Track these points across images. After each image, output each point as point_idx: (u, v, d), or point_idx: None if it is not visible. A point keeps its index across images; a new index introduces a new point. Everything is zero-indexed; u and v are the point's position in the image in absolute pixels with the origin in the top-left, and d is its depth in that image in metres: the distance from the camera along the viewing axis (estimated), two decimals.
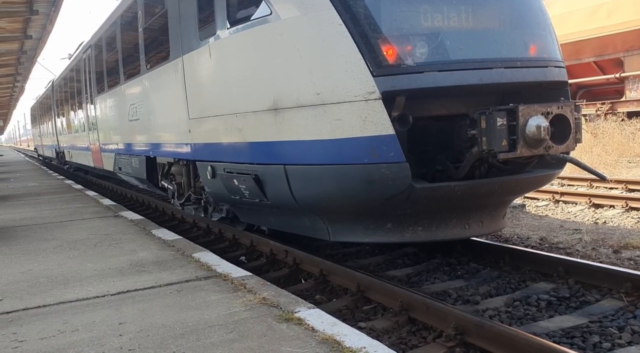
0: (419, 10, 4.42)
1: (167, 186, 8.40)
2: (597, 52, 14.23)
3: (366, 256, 6.45)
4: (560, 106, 4.45)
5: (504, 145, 4.26)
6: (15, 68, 25.07)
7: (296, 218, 5.56)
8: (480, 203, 4.94)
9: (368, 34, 4.29)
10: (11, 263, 5.13)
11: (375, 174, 4.34)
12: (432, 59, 4.36)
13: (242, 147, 5.52)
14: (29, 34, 17.87)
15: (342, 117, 4.35)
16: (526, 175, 4.89)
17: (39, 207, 9.17)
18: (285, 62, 4.75)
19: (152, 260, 5.01)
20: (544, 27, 5.03)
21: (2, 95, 37.37)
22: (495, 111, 4.28)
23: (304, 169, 4.77)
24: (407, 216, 4.80)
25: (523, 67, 4.70)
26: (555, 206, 8.88)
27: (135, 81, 8.75)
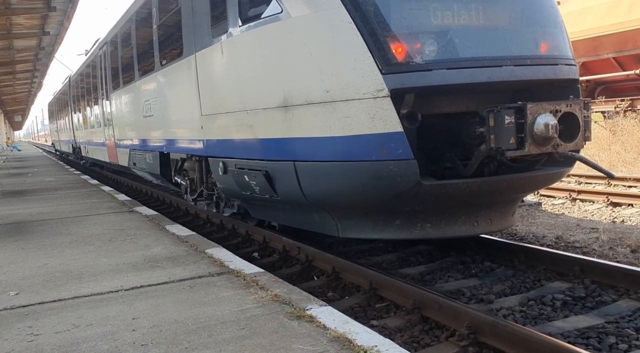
0: (427, 8, 4.43)
1: (180, 181, 8.50)
2: (617, 48, 13.99)
3: (379, 253, 6.42)
4: (569, 104, 4.44)
5: (512, 142, 4.25)
6: (33, 64, 25.41)
7: (306, 214, 5.60)
8: (488, 200, 4.94)
9: (377, 32, 4.32)
10: (28, 258, 5.19)
11: (383, 171, 4.37)
12: (441, 57, 4.37)
13: (252, 144, 5.58)
14: (47, 30, 18.09)
15: (351, 114, 4.39)
16: (535, 173, 4.86)
17: (56, 202, 9.28)
18: (295, 60, 4.80)
19: (165, 255, 5.05)
20: (554, 25, 4.99)
21: (21, 90, 37.90)
22: (503, 109, 4.26)
23: (313, 165, 4.80)
24: (416, 213, 4.80)
25: (533, 65, 4.67)
26: (572, 204, 8.76)
27: (150, 78, 8.87)
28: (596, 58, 14.73)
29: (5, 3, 14.43)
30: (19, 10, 15.23)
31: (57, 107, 28.80)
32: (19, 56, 22.98)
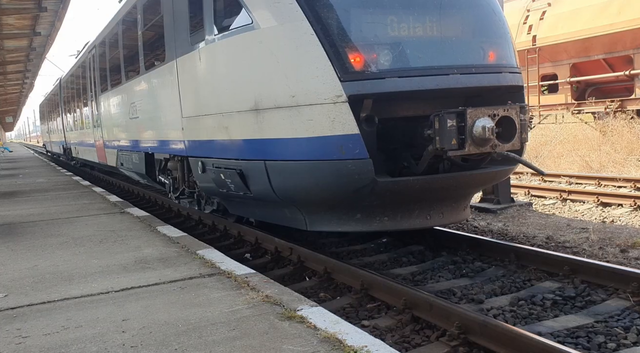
0: (382, 22, 4.87)
1: (164, 181, 8.88)
2: (607, 49, 14.10)
3: (371, 254, 6.44)
4: (506, 109, 4.81)
5: (454, 143, 4.65)
6: (25, 65, 25.23)
7: (277, 209, 5.98)
8: (439, 196, 5.33)
9: (336, 43, 4.72)
10: (17, 259, 5.16)
11: (343, 169, 4.77)
12: (394, 66, 4.80)
13: (228, 144, 5.92)
14: (38, 30, 17.97)
15: (314, 117, 4.78)
16: (480, 171, 5.30)
17: (47, 203, 9.23)
18: (264, 67, 5.19)
19: (156, 256, 5.03)
20: (500, 36, 5.45)
21: (12, 91, 37.62)
22: (446, 113, 4.65)
23: (282, 164, 5.18)
24: (374, 207, 5.21)
25: (478, 73, 5.11)
26: (562, 205, 8.81)
27: (135, 81, 9.18)
28: (586, 59, 14.83)
29: None
30: (9, 10, 15.12)
31: (48, 109, 28.86)
32: (10, 57, 22.81)
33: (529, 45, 15.70)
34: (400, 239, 6.87)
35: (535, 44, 15.54)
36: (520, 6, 16.29)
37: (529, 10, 16.07)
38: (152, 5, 7.96)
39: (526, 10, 16.15)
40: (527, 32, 15.88)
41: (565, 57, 15.18)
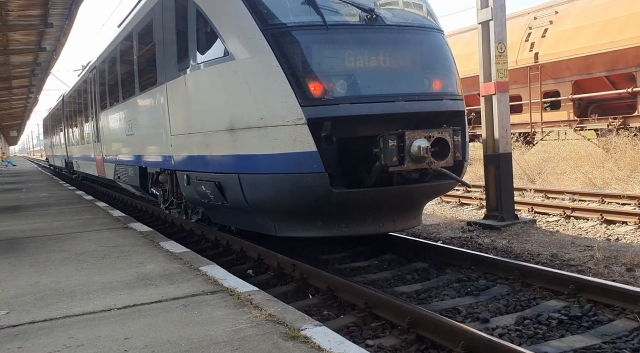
0: (338, 56, 5.64)
1: (156, 192, 9.57)
2: (609, 66, 14.14)
3: (375, 271, 6.40)
4: (440, 131, 5.51)
5: (395, 160, 5.36)
6: (30, 79, 25.43)
7: (250, 217, 6.64)
8: (389, 205, 6.03)
9: (298, 74, 5.48)
10: (19, 275, 5.14)
11: (303, 182, 5.48)
12: (347, 94, 5.54)
13: (208, 159, 6.60)
14: (44, 46, 18.14)
15: (279, 136, 5.52)
16: (423, 184, 5.99)
17: (49, 218, 9.22)
18: (238, 93, 5.91)
19: (159, 273, 5.00)
20: (444, 68, 6.24)
21: (17, 106, 37.86)
22: (388, 135, 5.38)
23: (252, 177, 5.88)
24: (333, 215, 5.93)
25: (420, 100, 5.87)
26: (566, 222, 8.77)
27: (131, 100, 9.90)
28: (589, 76, 14.88)
29: (2, 19, 14.48)
30: (16, 26, 15.28)
31: (52, 124, 29.42)
32: (15, 72, 22.99)
33: (531, 63, 15.76)
34: (404, 256, 6.84)
35: (537, 61, 15.60)
36: (521, 24, 16.39)
37: (531, 28, 16.17)
38: (146, 33, 8.67)
39: (528, 27, 16.25)
40: (529, 50, 15.96)
41: (568, 74, 15.22)
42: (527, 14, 16.84)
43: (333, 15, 5.82)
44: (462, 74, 19.04)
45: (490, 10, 8.21)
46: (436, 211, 10.84)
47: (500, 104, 8.35)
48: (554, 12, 15.74)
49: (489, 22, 8.31)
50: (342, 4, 5.87)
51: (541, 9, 16.63)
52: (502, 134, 8.36)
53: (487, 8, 8.29)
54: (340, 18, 5.85)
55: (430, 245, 6.78)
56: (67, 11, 14.29)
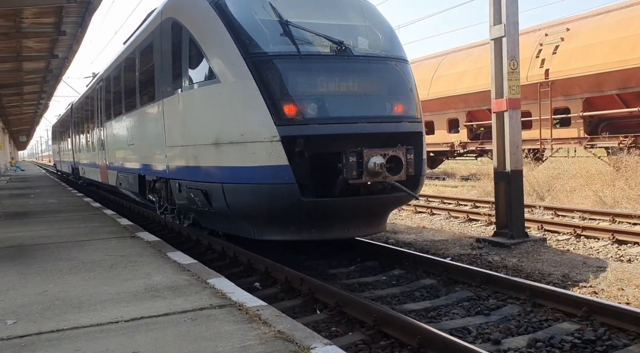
0: (310, 82, 6.47)
1: (152, 198, 10.33)
2: (620, 84, 14.08)
3: (383, 287, 6.34)
4: (395, 150, 6.35)
5: (355, 174, 6.16)
6: (41, 86, 25.65)
7: (232, 222, 7.38)
8: (353, 213, 6.79)
9: (274, 97, 6.27)
10: (27, 284, 5.11)
11: (276, 191, 6.24)
12: (317, 116, 6.35)
13: (196, 169, 7.34)
14: (56, 53, 18.31)
15: (256, 151, 6.28)
16: (382, 196, 6.70)
17: (57, 225, 9.22)
18: (222, 112, 6.70)
19: (166, 284, 4.96)
20: (404, 93, 7.06)
21: (27, 111, 38.15)
22: (349, 152, 6.16)
23: (234, 186, 6.61)
24: (304, 221, 6.65)
25: (380, 122, 6.70)
26: (576, 241, 8.67)
27: (133, 113, 10.72)
28: (600, 94, 14.83)
29: (17, 26, 14.63)
30: (29, 34, 15.44)
31: (60, 130, 30.22)
32: (27, 78, 23.19)
33: (542, 79, 15.73)
34: (413, 272, 6.78)
35: (548, 78, 15.57)
36: (532, 40, 16.38)
37: (542, 44, 16.15)
38: (146, 53, 9.52)
39: (539, 44, 16.24)
40: (539, 66, 15.93)
41: (578, 92, 15.17)
42: (538, 30, 16.85)
43: (307, 46, 6.66)
44: (471, 89, 19.03)
45: (503, 27, 8.20)
46: (444, 226, 10.77)
47: (512, 121, 8.30)
48: (566, 29, 15.74)
49: (501, 38, 8.30)
50: (316, 36, 6.67)
51: (552, 25, 16.63)
52: (513, 151, 8.30)
53: (500, 24, 8.28)
54: (313, 49, 6.67)
55: (440, 262, 6.71)
56: (80, 19, 14.42)
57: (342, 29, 7.06)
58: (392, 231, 9.99)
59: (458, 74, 19.13)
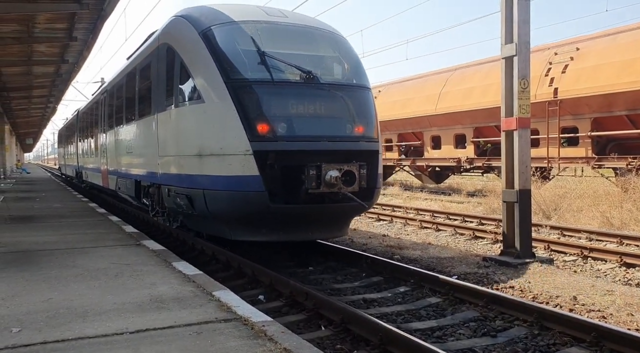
0: (280, 105, 7.42)
1: (146, 202, 11.18)
2: (630, 105, 14.04)
3: (388, 304, 6.29)
4: (349, 165, 7.27)
5: (314, 185, 7.10)
6: (50, 90, 25.81)
7: (212, 224, 8.25)
8: (315, 219, 7.68)
9: (248, 117, 7.18)
10: (32, 291, 5.09)
11: (249, 198, 7.15)
12: (285, 134, 7.27)
13: (182, 177, 8.25)
14: (66, 58, 18.43)
15: (232, 163, 7.19)
16: (339, 204, 7.46)
17: (63, 231, 9.21)
18: (205, 127, 7.62)
19: (172, 295, 4.93)
20: (364, 116, 7.97)
21: (35, 114, 38.36)
22: (309, 166, 7.09)
23: (213, 192, 7.50)
24: (273, 224, 7.55)
25: (340, 141, 7.61)
26: (583, 262, 8.59)
27: (132, 124, 11.77)
28: (609, 114, 14.78)
29: (29, 31, 14.75)
30: (41, 38, 15.56)
31: (66, 135, 31.14)
32: (37, 82, 23.34)
33: (550, 97, 15.71)
34: (418, 289, 6.73)
35: (556, 97, 15.54)
36: (542, 58, 16.38)
37: (551, 63, 16.15)
38: (145, 71, 10.56)
39: (548, 62, 16.24)
40: (548, 84, 15.92)
41: (587, 111, 15.14)
42: (547, 49, 16.85)
43: (280, 73, 7.59)
44: (479, 105, 19.02)
45: (515, 46, 8.20)
46: (450, 243, 10.70)
47: (521, 140, 8.27)
48: (575, 49, 15.74)
49: (512, 57, 8.29)
50: (288, 65, 7.60)
51: (562, 44, 16.64)
52: (522, 170, 8.26)
53: (511, 44, 8.28)
54: (285, 76, 7.62)
55: (446, 280, 6.65)
56: (91, 26, 14.53)
57: (312, 59, 8.08)
58: (398, 247, 9.93)
59: (466, 90, 19.14)
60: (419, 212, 14.98)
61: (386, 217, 14.24)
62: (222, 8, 8.39)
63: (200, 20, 8.12)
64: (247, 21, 7.99)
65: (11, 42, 15.68)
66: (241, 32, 7.87)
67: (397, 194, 21.08)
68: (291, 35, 8.30)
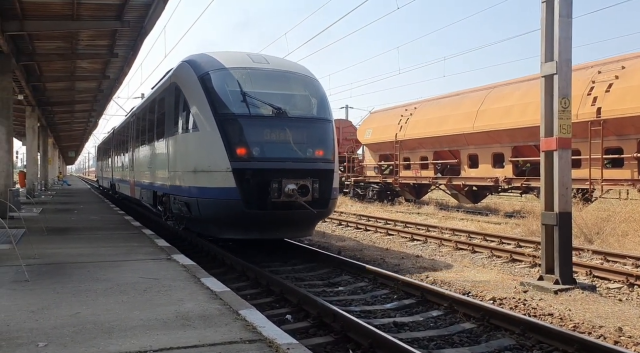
0: (255, 134, 9.48)
1: (160, 208, 13.35)
2: None
3: (420, 328, 6.07)
4: (305, 180, 9.34)
5: (276, 195, 9.14)
6: (91, 105, 26.57)
7: (204, 225, 10.46)
8: (280, 221, 9.65)
9: (231, 143, 9.29)
10: (61, 304, 5.11)
11: (229, 204, 9.22)
12: (257, 156, 9.34)
13: (183, 188, 10.48)
14: (107, 74, 18.95)
15: (217, 177, 9.32)
16: (296, 210, 9.32)
17: (97, 243, 9.34)
18: (199, 150, 9.84)
19: (198, 313, 4.87)
20: (323, 143, 10.03)
21: (77, 128, 39.58)
22: (273, 180, 9.14)
23: (204, 200, 9.63)
24: (249, 225, 9.60)
25: (300, 162, 9.61)
26: (629, 290, 8.15)
27: (152, 144, 14.08)
28: None
29: (73, 48, 15.24)
30: (84, 55, 16.05)
31: (103, 149, 33.52)
32: (79, 97, 24.09)
33: (593, 117, 15.19)
34: (452, 314, 6.49)
35: (599, 116, 15.02)
36: (584, 77, 15.90)
37: (594, 82, 15.64)
38: (162, 102, 12.65)
39: (591, 81, 15.74)
40: (591, 104, 15.40)
41: (633, 132, 14.55)
42: (590, 67, 16.35)
43: (256, 109, 9.68)
44: (518, 124, 18.56)
45: (555, 64, 7.94)
46: (486, 266, 10.36)
47: (562, 161, 7.96)
48: (621, 67, 15.20)
49: (553, 75, 8.03)
50: (263, 103, 9.72)
51: (606, 63, 16.12)
52: (562, 192, 7.94)
53: (551, 62, 8.03)
54: (260, 111, 9.70)
55: (480, 305, 6.39)
56: (132, 43, 14.91)
57: (285, 97, 10.19)
58: (432, 269, 9.67)
59: (505, 108, 18.72)
60: (454, 232, 14.63)
61: (420, 237, 13.95)
62: (218, 56, 10.59)
63: (200, 67, 10.24)
64: (235, 67, 10.14)
65: (55, 59, 16.24)
66: (229, 77, 9.97)
67: (433, 214, 20.69)
68: (269, 78, 10.38)
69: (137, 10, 12.37)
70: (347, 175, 29.10)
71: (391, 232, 15.16)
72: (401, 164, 24.72)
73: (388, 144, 25.16)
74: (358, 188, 28.38)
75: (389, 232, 15.20)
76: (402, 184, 25.08)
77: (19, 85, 18.29)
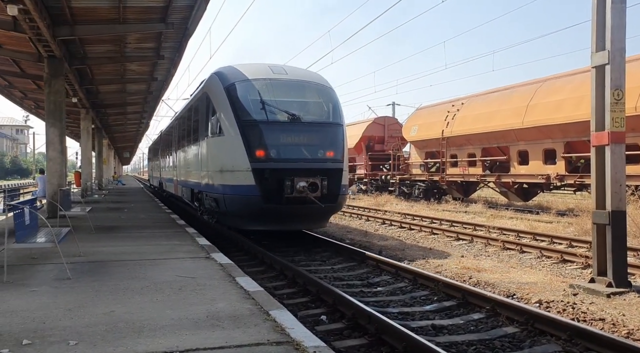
0: (273, 137, 10.75)
1: (196, 204, 15.11)
2: None
3: (459, 332, 5.84)
4: (314, 178, 10.60)
5: (289, 191, 10.45)
6: (142, 106, 27.35)
7: (231, 219, 11.74)
8: (295, 214, 10.85)
9: (251, 146, 10.64)
10: (98, 302, 5.20)
11: (250, 200, 10.60)
12: (273, 157, 10.68)
13: (212, 186, 11.93)
14: (155, 76, 19.42)
15: (240, 176, 10.67)
16: (308, 205, 10.57)
17: (140, 241, 9.54)
18: (225, 152, 11.27)
19: (228, 313, 4.84)
20: (332, 145, 11.23)
21: (130, 129, 40.89)
22: (287, 178, 10.46)
23: (229, 196, 11.00)
24: (268, 218, 10.78)
25: (313, 162, 10.87)
26: None
27: (190, 146, 15.70)
28: None
29: (121, 51, 15.68)
30: (132, 58, 16.49)
31: (153, 151, 35.76)
32: (130, 99, 24.83)
33: None
34: (493, 316, 6.22)
35: None
36: None
37: None
38: (197, 109, 14.17)
39: None
40: None
41: None
42: None
43: (274, 115, 11.03)
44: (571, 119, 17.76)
45: (607, 54, 7.48)
46: (535, 266, 9.94)
47: (615, 156, 7.50)
48: None
49: (604, 66, 7.57)
50: (280, 110, 11.07)
51: None
52: (615, 189, 7.48)
53: (603, 51, 7.57)
54: (277, 117, 11.02)
55: (524, 309, 6.09)
56: (177, 44, 15.19)
57: (300, 104, 11.52)
58: (475, 269, 9.35)
59: (556, 102, 17.95)
60: (502, 231, 14.13)
61: (466, 237, 13.55)
62: (243, 68, 12.02)
63: (226, 78, 11.69)
64: (256, 78, 11.51)
65: (106, 62, 16.77)
66: (251, 87, 11.35)
67: (480, 212, 20.08)
68: (286, 87, 11.68)
69: (181, 12, 12.58)
70: (392, 174, 28.73)
71: (436, 231, 14.81)
72: (448, 161, 24.16)
73: (434, 140, 24.66)
74: (404, 186, 27.95)
75: (434, 231, 14.85)
76: (449, 182, 24.51)
77: (72, 89, 19.00)
